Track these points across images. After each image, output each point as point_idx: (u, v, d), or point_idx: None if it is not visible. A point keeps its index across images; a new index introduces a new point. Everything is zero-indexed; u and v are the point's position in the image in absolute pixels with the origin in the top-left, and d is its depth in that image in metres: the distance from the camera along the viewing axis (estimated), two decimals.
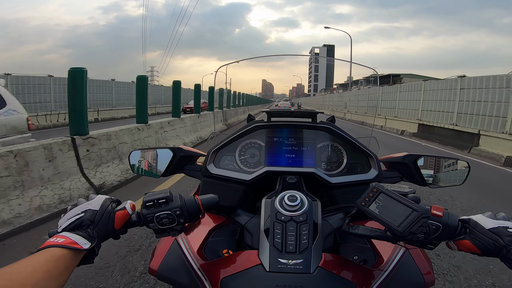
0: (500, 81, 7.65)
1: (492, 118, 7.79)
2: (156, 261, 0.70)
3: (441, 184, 0.88)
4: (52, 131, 10.41)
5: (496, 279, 1.95)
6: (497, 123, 7.55)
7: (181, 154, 0.91)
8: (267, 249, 0.59)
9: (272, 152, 0.92)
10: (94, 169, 3.48)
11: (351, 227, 0.61)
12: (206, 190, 0.88)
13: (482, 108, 8.21)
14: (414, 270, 0.66)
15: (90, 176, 3.37)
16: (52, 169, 2.92)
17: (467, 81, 9.07)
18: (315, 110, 0.97)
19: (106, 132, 3.85)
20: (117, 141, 4.02)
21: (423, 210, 0.52)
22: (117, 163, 3.91)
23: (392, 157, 0.93)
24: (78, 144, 3.28)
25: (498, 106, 7.63)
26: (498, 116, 7.56)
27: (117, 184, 3.73)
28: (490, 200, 3.71)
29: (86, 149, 3.40)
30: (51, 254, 0.46)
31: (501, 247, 0.49)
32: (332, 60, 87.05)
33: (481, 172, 5.41)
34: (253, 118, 1.03)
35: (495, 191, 4.19)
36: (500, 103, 7.55)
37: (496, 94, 7.72)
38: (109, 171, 3.70)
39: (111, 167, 3.76)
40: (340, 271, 0.59)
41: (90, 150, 3.46)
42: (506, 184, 4.80)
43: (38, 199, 2.72)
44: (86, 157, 3.39)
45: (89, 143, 3.46)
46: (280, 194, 0.66)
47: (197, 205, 0.60)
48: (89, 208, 0.55)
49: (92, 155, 3.49)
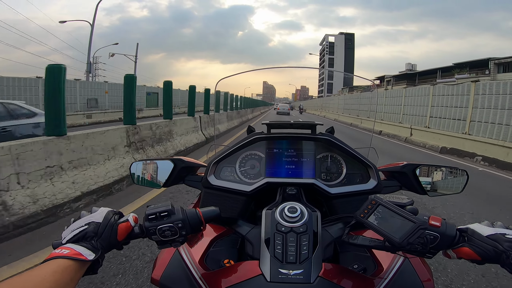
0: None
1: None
2: (158, 271, 0.71)
3: (439, 192, 0.89)
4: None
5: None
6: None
7: (182, 165, 0.92)
8: (268, 260, 0.60)
9: (272, 164, 0.93)
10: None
11: (350, 237, 0.62)
12: (207, 201, 0.90)
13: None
14: (414, 278, 0.67)
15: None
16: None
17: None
18: (315, 122, 0.99)
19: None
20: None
21: (421, 222, 0.53)
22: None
23: (391, 167, 0.94)
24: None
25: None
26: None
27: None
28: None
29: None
30: (58, 265, 0.47)
31: (501, 253, 0.50)
32: (339, 72, 79.01)
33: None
34: (253, 129, 1.04)
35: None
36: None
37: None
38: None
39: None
40: (340, 280, 0.60)
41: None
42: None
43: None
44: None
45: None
46: (280, 206, 0.68)
47: (198, 218, 0.61)
48: (93, 220, 0.56)
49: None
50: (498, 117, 7.30)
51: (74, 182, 3.16)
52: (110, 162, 3.83)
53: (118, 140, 4.12)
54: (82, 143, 3.41)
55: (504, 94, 7.23)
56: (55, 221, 2.78)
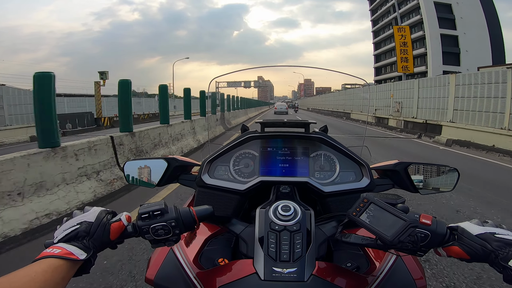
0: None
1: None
2: (152, 270, 0.71)
3: (431, 190, 0.90)
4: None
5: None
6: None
7: (175, 164, 0.91)
8: (261, 258, 0.60)
9: (266, 162, 0.93)
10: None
11: (343, 236, 0.63)
12: (201, 199, 0.89)
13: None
14: (406, 275, 0.68)
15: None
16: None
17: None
18: (308, 120, 0.99)
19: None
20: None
21: (411, 220, 0.54)
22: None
23: (383, 165, 0.95)
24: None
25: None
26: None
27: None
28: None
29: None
30: (48, 265, 0.47)
31: (489, 252, 0.51)
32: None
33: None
34: (247, 128, 1.05)
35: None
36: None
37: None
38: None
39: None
40: (334, 278, 0.61)
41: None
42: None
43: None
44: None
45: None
46: (274, 204, 0.68)
47: (192, 217, 0.61)
48: (85, 220, 0.56)
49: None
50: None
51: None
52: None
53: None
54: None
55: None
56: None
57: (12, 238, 2.43)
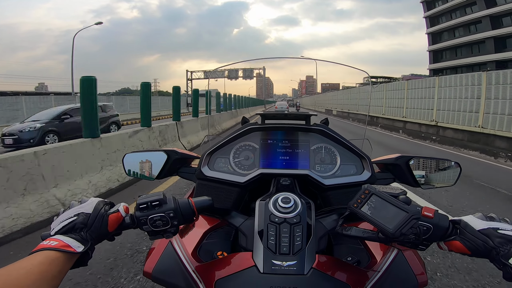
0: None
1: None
2: (150, 263, 0.70)
3: (432, 184, 0.89)
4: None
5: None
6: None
7: (175, 156, 0.90)
8: (261, 251, 0.60)
9: (266, 155, 0.92)
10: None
11: (344, 229, 0.62)
12: (201, 192, 0.89)
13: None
14: (407, 270, 0.67)
15: None
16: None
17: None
18: (309, 113, 0.98)
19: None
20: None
21: (414, 212, 0.53)
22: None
23: (385, 159, 0.94)
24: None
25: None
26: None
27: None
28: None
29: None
30: (45, 257, 0.46)
31: (491, 249, 0.50)
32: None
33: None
34: (247, 120, 1.03)
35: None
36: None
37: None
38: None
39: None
40: (334, 272, 0.60)
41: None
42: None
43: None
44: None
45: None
46: (274, 196, 0.67)
47: (191, 208, 0.61)
48: (82, 211, 0.55)
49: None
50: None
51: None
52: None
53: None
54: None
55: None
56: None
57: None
